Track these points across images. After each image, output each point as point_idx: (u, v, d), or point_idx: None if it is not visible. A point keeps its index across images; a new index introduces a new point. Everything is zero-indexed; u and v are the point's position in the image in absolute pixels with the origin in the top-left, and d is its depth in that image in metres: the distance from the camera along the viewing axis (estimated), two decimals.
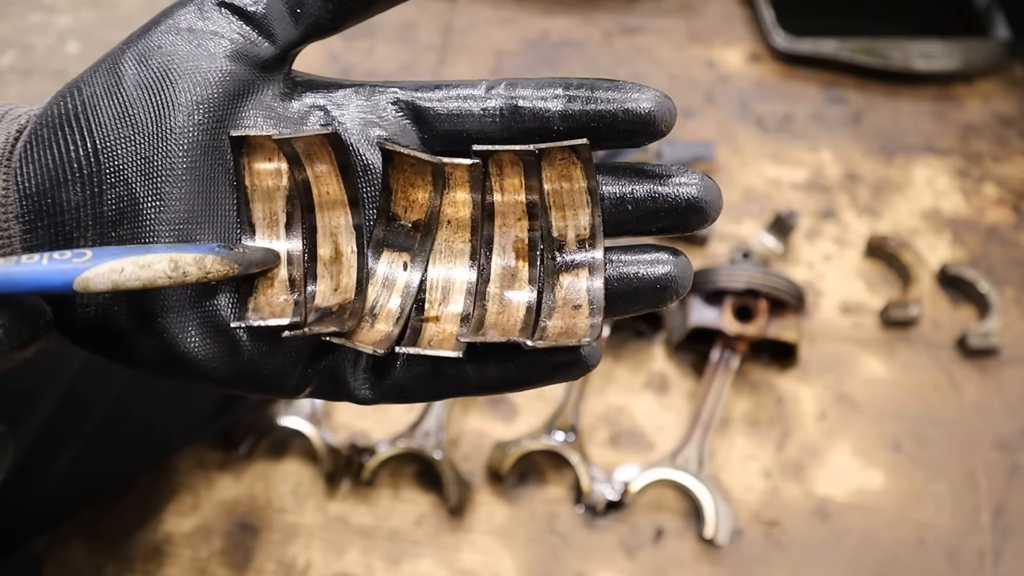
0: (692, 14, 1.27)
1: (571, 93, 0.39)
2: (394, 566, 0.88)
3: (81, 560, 0.87)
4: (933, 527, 0.91)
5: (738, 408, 0.97)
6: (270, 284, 0.39)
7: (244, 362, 0.39)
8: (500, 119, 0.39)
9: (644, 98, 0.38)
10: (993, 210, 1.10)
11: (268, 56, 0.39)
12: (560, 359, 0.39)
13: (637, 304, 0.39)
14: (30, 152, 0.38)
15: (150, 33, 0.39)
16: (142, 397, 0.78)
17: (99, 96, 0.38)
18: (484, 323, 0.39)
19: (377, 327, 0.39)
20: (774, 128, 1.17)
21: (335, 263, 0.40)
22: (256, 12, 0.39)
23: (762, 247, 1.04)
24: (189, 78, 0.38)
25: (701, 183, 0.38)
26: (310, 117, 0.40)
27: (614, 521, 0.91)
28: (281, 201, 0.40)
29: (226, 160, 0.39)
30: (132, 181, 0.37)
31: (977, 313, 1.02)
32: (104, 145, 0.38)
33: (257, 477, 0.92)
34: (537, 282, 0.40)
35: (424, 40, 1.24)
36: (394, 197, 0.40)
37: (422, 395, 0.40)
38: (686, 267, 0.39)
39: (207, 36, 0.39)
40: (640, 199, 0.39)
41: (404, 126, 0.40)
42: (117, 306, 0.38)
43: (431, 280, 0.40)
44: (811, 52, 1.20)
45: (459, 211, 0.40)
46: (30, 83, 1.20)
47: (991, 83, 1.21)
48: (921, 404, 0.98)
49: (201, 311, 0.38)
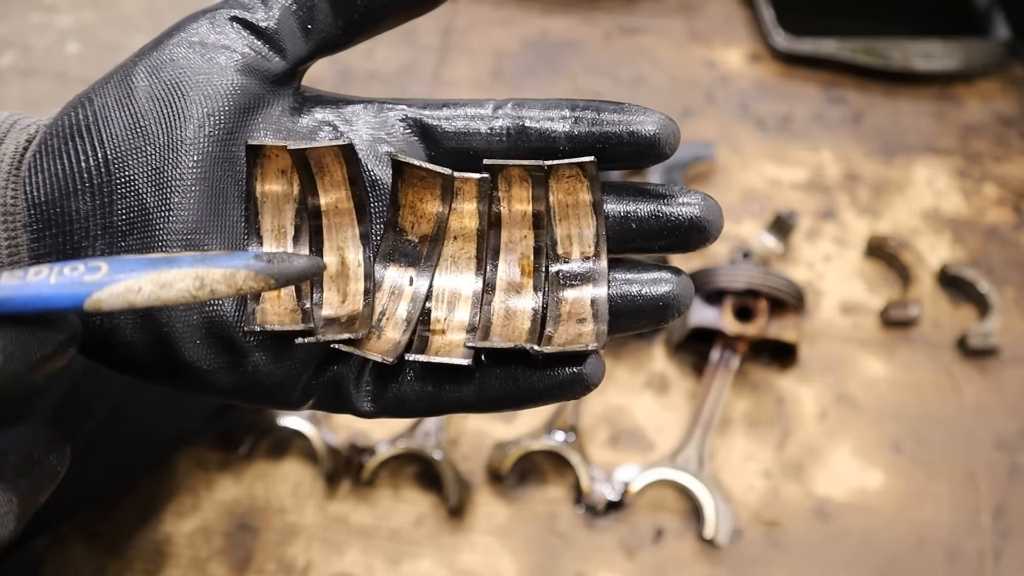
0: (692, 14, 1.27)
1: (577, 114, 0.40)
2: (394, 566, 0.88)
3: (81, 560, 0.87)
4: (933, 527, 0.91)
5: (738, 408, 0.97)
6: (277, 295, 0.39)
7: (248, 373, 0.39)
8: (507, 138, 0.40)
9: (649, 121, 0.39)
10: (993, 210, 1.10)
11: (279, 71, 0.40)
12: (563, 376, 0.39)
13: (639, 322, 0.40)
14: (40, 161, 0.38)
15: (162, 46, 0.39)
16: (140, 400, 0.78)
17: (111, 107, 0.38)
18: (490, 332, 0.39)
19: (385, 336, 0.40)
20: (774, 128, 1.17)
21: (342, 275, 0.40)
22: (268, 28, 0.40)
23: (762, 247, 1.04)
24: (200, 91, 0.38)
25: (703, 203, 0.39)
26: (319, 132, 0.41)
27: (614, 521, 0.91)
28: (290, 212, 0.40)
29: (235, 172, 0.39)
30: (143, 191, 0.38)
31: (977, 313, 1.02)
32: (115, 155, 0.38)
33: (257, 477, 0.92)
34: (542, 294, 0.40)
35: (424, 41, 1.24)
36: (402, 211, 0.40)
37: (423, 410, 0.41)
38: (687, 286, 0.40)
39: (219, 50, 0.39)
40: (643, 218, 0.40)
41: (412, 143, 0.41)
42: (123, 316, 0.38)
43: (437, 290, 0.41)
44: (811, 52, 1.20)
45: (466, 224, 0.41)
46: (30, 83, 1.20)
47: (991, 83, 1.21)
48: (921, 404, 0.98)
49: (207, 321, 0.38)
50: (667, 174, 1.06)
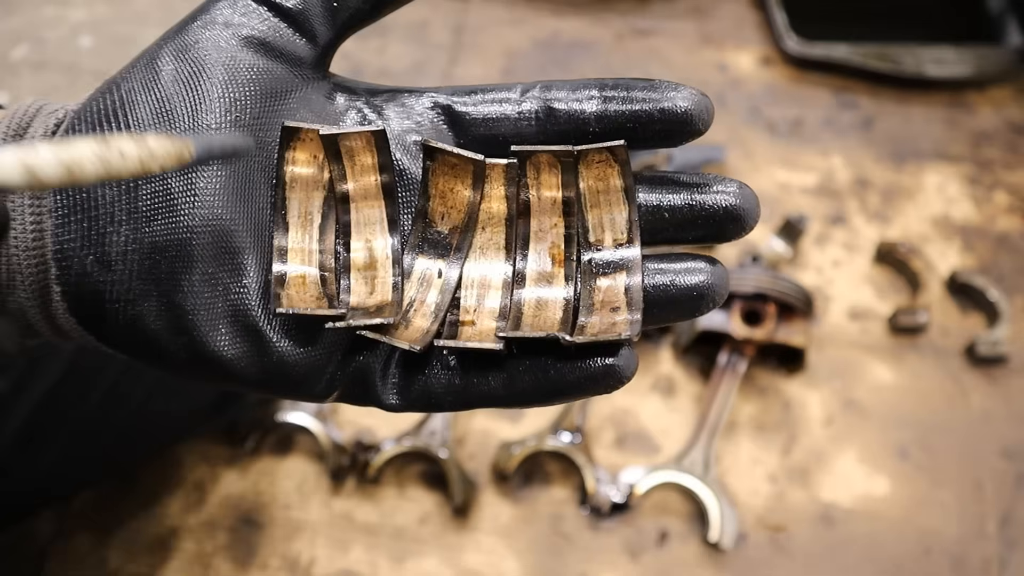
0: (704, 17, 1.27)
1: (607, 94, 0.39)
2: (398, 564, 0.88)
3: (85, 553, 0.87)
4: (939, 535, 0.91)
5: (745, 412, 0.97)
6: (302, 282, 0.39)
7: (273, 363, 0.39)
8: (536, 122, 0.39)
9: (681, 97, 0.38)
10: (1004, 218, 1.10)
11: (305, 52, 0.40)
12: (595, 369, 0.37)
13: (673, 312, 0.39)
14: None
15: (187, 28, 0.39)
16: (142, 379, 0.78)
17: (137, 91, 0.38)
18: (521, 322, 0.39)
19: (414, 325, 0.39)
20: (785, 132, 1.16)
21: (369, 264, 0.40)
22: (293, 8, 0.39)
23: (771, 251, 1.04)
24: (224, 74, 0.38)
25: (740, 191, 0.38)
26: (349, 119, 0.40)
27: (619, 523, 0.91)
28: (318, 198, 0.40)
29: (262, 157, 0.39)
30: (167, 176, 0.37)
31: (986, 321, 1.02)
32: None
33: (262, 473, 0.92)
34: (574, 282, 0.39)
35: (436, 39, 1.24)
36: (432, 200, 0.40)
37: (449, 404, 0.40)
38: (723, 276, 0.38)
39: (243, 32, 0.39)
40: (677, 207, 0.39)
41: (441, 130, 0.40)
42: (147, 303, 0.38)
43: (466, 279, 0.40)
44: (823, 57, 1.19)
45: (495, 212, 0.40)
46: (42, 76, 1.20)
47: (1003, 90, 1.20)
48: (928, 411, 0.97)
49: (233, 310, 0.38)
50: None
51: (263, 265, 0.39)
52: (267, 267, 0.39)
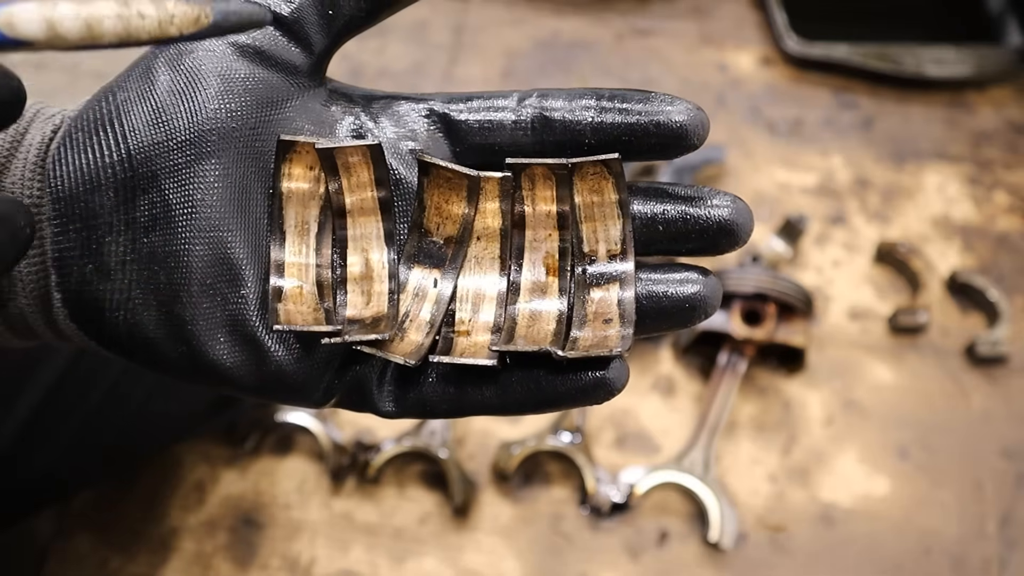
0: (704, 17, 1.27)
1: (603, 104, 0.39)
2: (398, 564, 0.88)
3: (86, 553, 0.88)
4: (939, 535, 0.91)
5: (745, 412, 0.97)
6: (299, 294, 0.39)
7: (271, 372, 0.39)
8: (531, 131, 0.39)
9: (676, 111, 0.38)
10: (1004, 218, 1.10)
11: (300, 60, 0.39)
12: (586, 381, 0.38)
13: (665, 323, 0.39)
14: (64, 155, 0.38)
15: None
16: (143, 379, 0.78)
17: (133, 101, 0.38)
18: (514, 335, 0.39)
19: (408, 338, 0.39)
20: (785, 132, 1.16)
21: (366, 276, 0.40)
22: (288, 16, 0.39)
23: (771, 251, 1.04)
24: (220, 84, 0.38)
25: (734, 205, 0.38)
26: (345, 128, 0.40)
27: (619, 523, 0.91)
28: (315, 210, 0.40)
29: (259, 167, 0.39)
30: (165, 187, 0.37)
31: (986, 321, 1.02)
32: (138, 150, 0.37)
33: (262, 473, 0.92)
34: (567, 295, 0.40)
35: (436, 39, 1.24)
36: (427, 212, 0.40)
37: (444, 412, 0.40)
38: (715, 287, 0.39)
39: (237, 41, 0.39)
40: (671, 219, 0.39)
41: (437, 139, 0.40)
42: (146, 312, 0.38)
43: (461, 291, 0.40)
44: (823, 56, 1.19)
45: (490, 224, 0.40)
46: (42, 76, 1.20)
47: (1003, 90, 1.20)
48: (928, 411, 0.97)
49: (231, 320, 0.38)
50: (677, 176, 1.06)
51: (261, 275, 0.39)
52: (264, 277, 0.39)
